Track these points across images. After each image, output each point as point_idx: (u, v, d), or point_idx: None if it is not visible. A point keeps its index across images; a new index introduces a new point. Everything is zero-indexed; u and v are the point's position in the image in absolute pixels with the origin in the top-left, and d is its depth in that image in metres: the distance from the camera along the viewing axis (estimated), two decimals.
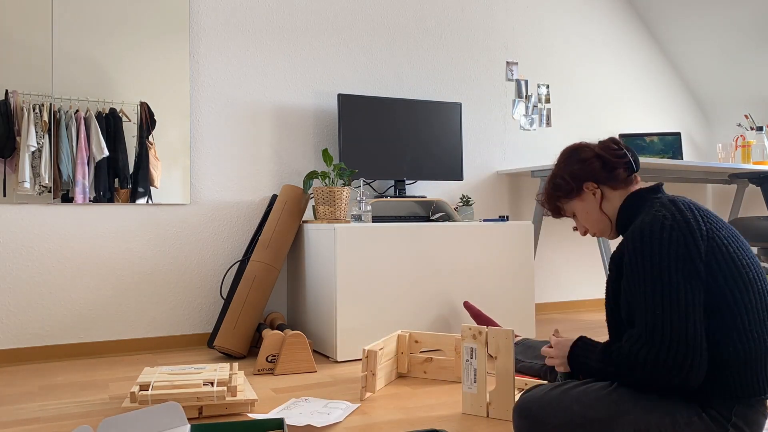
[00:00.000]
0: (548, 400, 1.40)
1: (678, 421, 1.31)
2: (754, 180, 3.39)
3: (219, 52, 3.00)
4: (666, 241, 1.32)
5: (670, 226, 1.33)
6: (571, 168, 1.57)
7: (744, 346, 1.28)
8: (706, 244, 1.32)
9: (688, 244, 1.31)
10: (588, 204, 1.56)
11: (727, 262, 1.31)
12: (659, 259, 1.31)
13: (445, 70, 3.56)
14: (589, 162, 1.55)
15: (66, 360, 2.66)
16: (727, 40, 4.02)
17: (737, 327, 1.29)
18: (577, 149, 1.59)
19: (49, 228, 2.67)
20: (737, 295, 1.30)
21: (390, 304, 2.66)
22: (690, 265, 1.29)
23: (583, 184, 1.55)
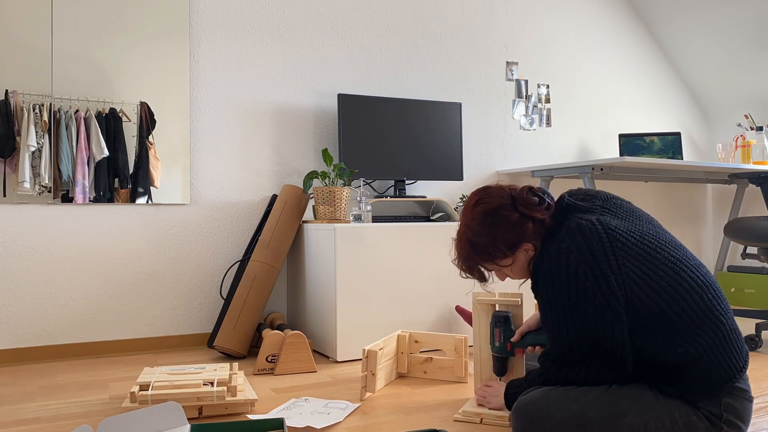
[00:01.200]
0: (546, 401, 1.41)
1: (676, 421, 1.31)
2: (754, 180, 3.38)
3: (219, 52, 3.00)
4: (573, 277, 1.33)
5: (576, 261, 1.34)
6: (502, 236, 1.48)
7: (696, 344, 1.30)
8: (619, 273, 1.33)
9: (596, 277, 1.32)
10: (520, 261, 1.53)
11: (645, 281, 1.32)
12: (568, 295, 1.34)
13: (445, 70, 3.56)
14: (522, 225, 1.47)
15: (66, 360, 2.66)
16: (727, 40, 4.02)
17: (681, 333, 1.31)
18: (497, 212, 1.49)
19: (49, 228, 2.67)
20: (667, 309, 1.32)
21: (390, 304, 2.66)
22: (600, 297, 1.32)
23: (518, 248, 1.50)
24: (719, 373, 1.31)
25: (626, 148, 3.99)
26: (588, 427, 1.34)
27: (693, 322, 1.31)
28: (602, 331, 1.33)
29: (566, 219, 1.45)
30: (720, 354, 1.31)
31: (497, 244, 1.49)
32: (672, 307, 1.31)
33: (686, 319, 1.31)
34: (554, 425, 1.37)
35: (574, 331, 1.36)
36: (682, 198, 4.41)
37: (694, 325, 1.31)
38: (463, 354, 2.24)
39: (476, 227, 1.51)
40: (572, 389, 1.41)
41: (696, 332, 1.31)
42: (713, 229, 4.52)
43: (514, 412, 1.46)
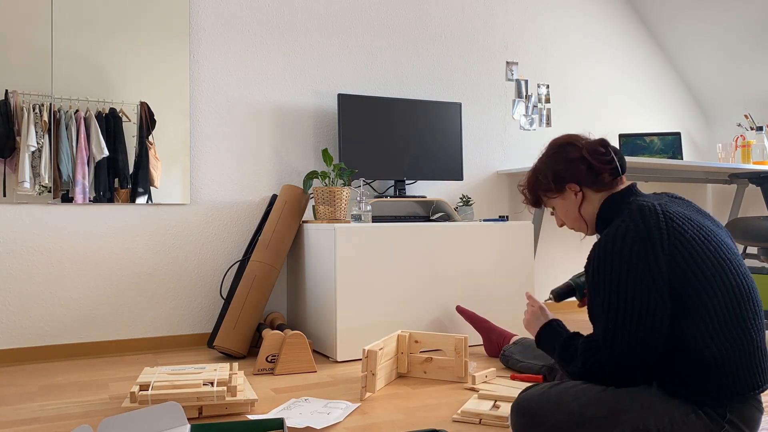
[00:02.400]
0: (546, 399, 1.41)
1: (676, 419, 1.31)
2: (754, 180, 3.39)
3: (219, 53, 3.00)
4: (626, 256, 1.34)
5: (632, 240, 1.34)
6: (555, 167, 1.56)
7: (721, 346, 1.29)
8: (668, 253, 1.32)
9: (647, 257, 1.32)
10: (568, 203, 1.57)
11: (691, 267, 1.32)
12: (618, 275, 1.34)
13: (445, 70, 3.56)
14: (575, 164, 1.54)
15: (66, 360, 2.66)
16: (727, 40, 4.02)
17: (710, 330, 1.30)
18: (564, 147, 1.57)
19: (49, 228, 2.67)
20: (705, 299, 1.30)
21: (390, 304, 2.66)
22: (648, 278, 1.31)
23: (566, 185, 1.55)
24: (734, 385, 1.29)
25: (626, 148, 3.99)
26: (587, 425, 1.34)
27: (724, 325, 1.30)
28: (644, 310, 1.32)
29: (627, 201, 1.48)
30: (741, 366, 1.29)
31: (548, 173, 1.56)
32: (707, 300, 1.30)
33: (718, 319, 1.30)
34: (554, 423, 1.37)
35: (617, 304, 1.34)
36: None
37: (725, 328, 1.30)
38: (463, 354, 2.24)
39: (543, 156, 1.61)
40: (573, 387, 1.41)
41: (725, 336, 1.29)
42: None
43: (514, 409, 1.46)
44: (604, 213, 1.52)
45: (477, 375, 2.13)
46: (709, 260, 1.33)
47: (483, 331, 2.66)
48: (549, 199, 1.61)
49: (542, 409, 1.40)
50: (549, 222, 3.88)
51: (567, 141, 1.58)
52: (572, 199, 1.56)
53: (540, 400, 1.41)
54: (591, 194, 1.54)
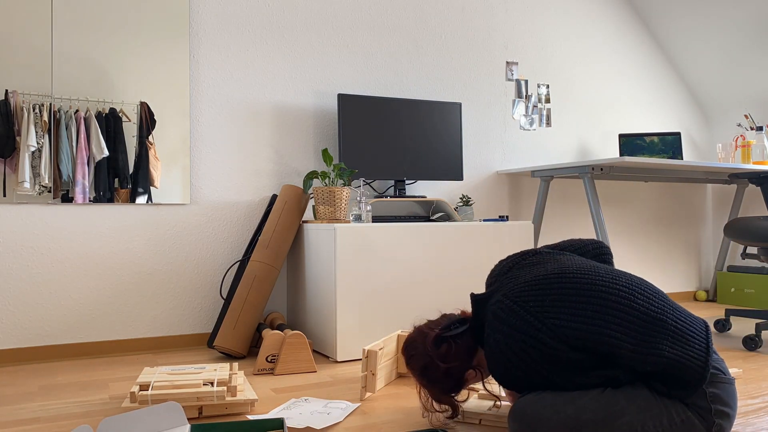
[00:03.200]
0: (543, 403, 1.40)
1: (674, 419, 1.32)
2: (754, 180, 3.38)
3: (219, 53, 3.00)
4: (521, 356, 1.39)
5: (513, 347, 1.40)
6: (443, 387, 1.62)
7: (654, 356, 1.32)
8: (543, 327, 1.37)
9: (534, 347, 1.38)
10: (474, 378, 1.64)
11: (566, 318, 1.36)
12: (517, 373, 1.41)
13: (445, 70, 3.56)
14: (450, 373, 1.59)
15: (66, 360, 2.66)
16: (728, 40, 4.03)
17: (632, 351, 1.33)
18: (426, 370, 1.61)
19: (49, 228, 2.67)
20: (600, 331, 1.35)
21: (390, 304, 2.66)
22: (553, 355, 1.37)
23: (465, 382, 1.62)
24: (692, 369, 1.32)
25: (626, 148, 3.99)
26: (584, 428, 1.34)
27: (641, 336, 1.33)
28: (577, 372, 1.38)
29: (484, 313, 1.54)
30: (682, 351, 1.32)
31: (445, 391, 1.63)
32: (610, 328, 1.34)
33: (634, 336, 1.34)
34: (550, 428, 1.37)
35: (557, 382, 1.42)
36: (682, 198, 4.41)
37: (645, 338, 1.33)
38: None
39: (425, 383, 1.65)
40: (567, 392, 1.41)
41: (650, 344, 1.33)
42: (713, 229, 4.52)
43: (511, 415, 1.46)
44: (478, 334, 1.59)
45: None
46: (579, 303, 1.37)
47: None
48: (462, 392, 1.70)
49: (539, 414, 1.40)
50: (549, 222, 3.88)
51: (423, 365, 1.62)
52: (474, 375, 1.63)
53: (536, 405, 1.41)
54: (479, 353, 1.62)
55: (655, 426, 1.31)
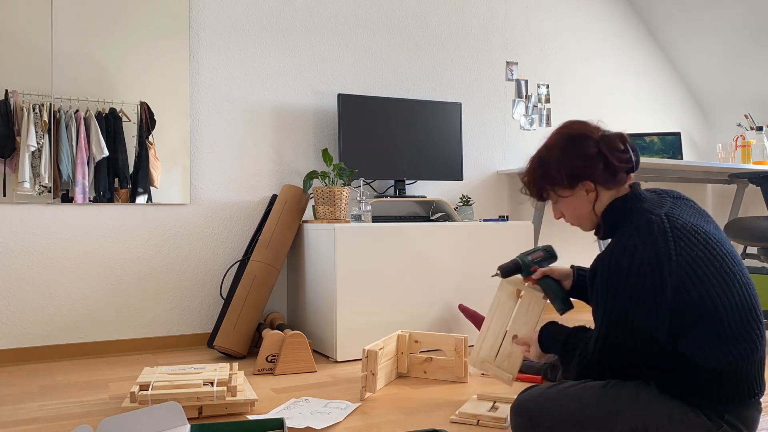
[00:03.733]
0: (545, 399, 1.41)
1: (674, 418, 1.31)
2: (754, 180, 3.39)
3: (219, 52, 3.00)
4: (633, 277, 1.31)
5: (639, 261, 1.31)
6: (570, 162, 1.44)
7: (723, 361, 1.28)
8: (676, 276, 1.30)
9: (653, 280, 1.29)
10: (578, 200, 1.48)
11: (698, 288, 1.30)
12: (621, 295, 1.32)
13: (445, 70, 3.56)
14: (592, 160, 1.43)
15: (66, 360, 2.66)
16: (727, 40, 4.02)
17: (713, 345, 1.29)
18: (580, 139, 1.45)
19: (49, 228, 2.67)
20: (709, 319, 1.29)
21: (390, 304, 2.66)
22: (650, 302, 1.30)
23: (579, 182, 1.45)
24: (733, 394, 1.29)
25: None
26: (586, 424, 1.34)
27: (727, 340, 1.29)
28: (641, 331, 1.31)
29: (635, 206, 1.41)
30: (740, 378, 1.29)
31: (562, 168, 1.45)
32: (711, 320, 1.29)
33: (720, 336, 1.29)
34: (552, 424, 1.37)
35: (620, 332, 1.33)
36: None
37: (728, 343, 1.29)
38: (463, 354, 2.24)
39: (553, 145, 1.49)
40: (571, 387, 1.41)
41: (728, 351, 1.28)
42: None
43: (513, 410, 1.46)
44: (610, 217, 1.45)
45: None
46: (715, 278, 1.31)
47: None
48: (556, 195, 1.50)
49: (541, 409, 1.40)
50: (549, 222, 3.88)
51: (583, 133, 1.47)
52: (583, 197, 1.46)
53: (539, 400, 1.41)
54: (602, 192, 1.46)
55: (655, 424, 1.31)
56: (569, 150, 1.46)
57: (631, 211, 1.41)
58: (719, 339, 1.29)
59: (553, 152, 1.48)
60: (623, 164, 1.44)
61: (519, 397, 1.47)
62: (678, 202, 1.45)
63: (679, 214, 1.37)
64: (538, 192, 1.52)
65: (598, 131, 1.48)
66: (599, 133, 1.47)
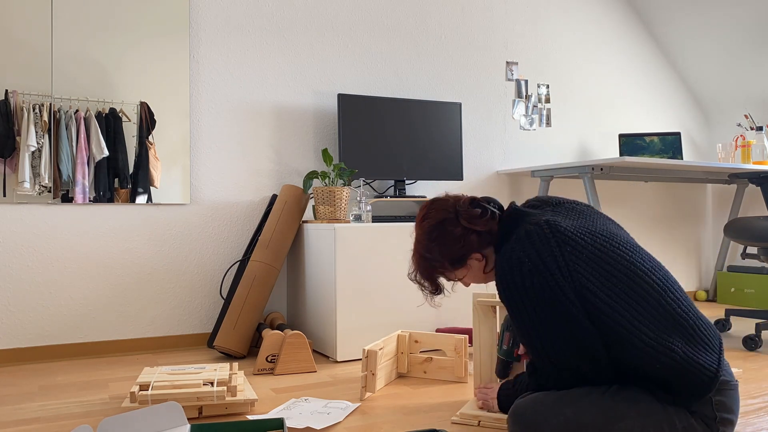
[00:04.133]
0: (542, 406, 1.40)
1: (675, 425, 1.30)
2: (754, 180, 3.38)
3: (219, 52, 3.00)
4: (530, 291, 1.33)
5: (529, 272, 1.33)
6: (447, 250, 1.51)
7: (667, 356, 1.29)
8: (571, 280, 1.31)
9: (551, 288, 1.31)
10: (473, 270, 1.56)
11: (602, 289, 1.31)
12: (526, 308, 1.34)
13: (445, 70, 3.56)
14: (464, 238, 1.49)
15: (66, 360, 2.66)
16: (727, 40, 4.03)
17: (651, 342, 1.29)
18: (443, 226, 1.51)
19: (49, 228, 2.67)
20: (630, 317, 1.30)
21: (390, 304, 2.66)
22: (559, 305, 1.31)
23: (467, 261, 1.53)
24: (702, 376, 1.29)
25: (626, 148, 3.99)
26: (583, 431, 1.34)
27: (660, 329, 1.29)
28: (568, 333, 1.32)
29: (516, 226, 1.46)
30: (696, 356, 1.29)
31: (445, 258, 1.52)
32: (633, 315, 1.29)
33: (653, 330, 1.29)
34: (550, 430, 1.36)
35: (541, 337, 1.36)
36: (682, 198, 4.41)
37: (663, 335, 1.29)
38: (463, 354, 2.24)
39: (425, 242, 1.54)
40: (568, 393, 1.40)
41: (667, 342, 1.29)
42: (713, 229, 4.52)
43: (511, 417, 1.45)
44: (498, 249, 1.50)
45: None
46: (614, 275, 1.32)
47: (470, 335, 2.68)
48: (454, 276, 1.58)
49: (538, 416, 1.39)
50: None
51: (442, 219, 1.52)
52: (476, 265, 1.54)
53: (536, 407, 1.41)
54: (489, 250, 1.53)
55: (655, 431, 1.31)
56: (440, 240, 1.51)
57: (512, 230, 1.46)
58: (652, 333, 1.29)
59: (429, 247, 1.53)
60: (489, 224, 1.50)
61: (516, 403, 1.46)
62: (558, 207, 1.49)
63: (559, 220, 1.39)
64: (433, 285, 1.60)
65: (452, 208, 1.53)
66: (453, 209, 1.52)
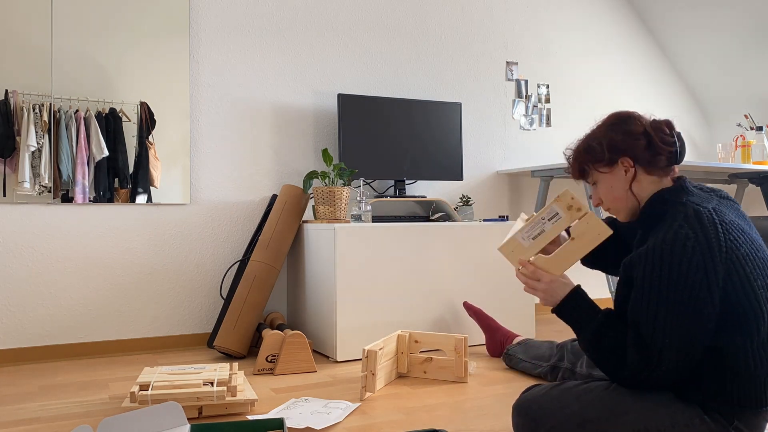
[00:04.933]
0: (547, 399, 1.40)
1: (678, 422, 1.30)
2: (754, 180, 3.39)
3: (219, 52, 3.00)
4: (686, 267, 1.26)
5: (692, 249, 1.26)
6: (613, 136, 1.44)
7: (758, 363, 1.27)
8: (725, 265, 1.27)
9: (707, 269, 1.25)
10: (615, 179, 1.45)
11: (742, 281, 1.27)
12: (675, 285, 1.26)
13: (445, 70, 3.56)
14: (635, 137, 1.42)
15: (66, 360, 2.66)
16: (727, 40, 4.02)
17: (753, 347, 1.27)
18: (626, 119, 1.45)
19: (49, 228, 2.67)
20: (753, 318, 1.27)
21: (390, 304, 2.66)
22: (705, 293, 1.25)
23: (619, 158, 1.43)
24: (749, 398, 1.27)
25: None
26: (588, 425, 1.34)
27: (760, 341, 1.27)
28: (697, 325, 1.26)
29: (681, 198, 1.38)
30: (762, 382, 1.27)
31: (604, 141, 1.44)
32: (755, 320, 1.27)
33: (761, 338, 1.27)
34: (555, 424, 1.37)
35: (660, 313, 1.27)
36: None
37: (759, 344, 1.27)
38: (462, 354, 2.24)
39: (601, 124, 1.49)
40: (573, 387, 1.40)
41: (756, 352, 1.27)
42: None
43: (516, 409, 1.46)
44: (653, 208, 1.41)
45: None
46: (760, 278, 1.29)
47: (488, 329, 2.65)
48: (596, 172, 1.47)
49: (543, 409, 1.39)
50: None
51: (630, 114, 1.47)
52: (621, 175, 1.44)
53: (541, 400, 1.41)
54: (643, 175, 1.43)
55: (657, 428, 1.30)
56: (614, 126, 1.46)
57: (677, 203, 1.37)
58: (759, 341, 1.27)
59: (599, 128, 1.48)
60: (666, 146, 1.41)
61: (521, 397, 1.47)
62: (724, 201, 1.42)
63: (725, 212, 1.34)
64: (579, 167, 1.51)
65: (647, 117, 1.47)
66: (649, 117, 1.47)
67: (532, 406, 1.41)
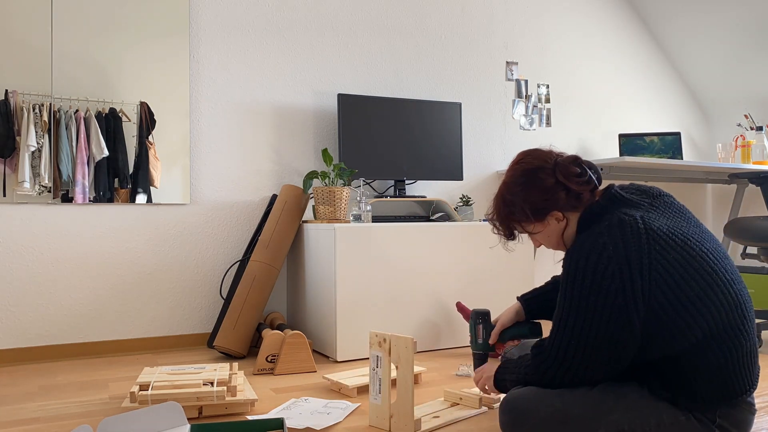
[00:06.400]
0: (533, 396, 1.41)
1: (663, 421, 1.31)
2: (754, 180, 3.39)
3: (219, 52, 3.00)
4: (599, 275, 1.29)
5: (608, 258, 1.29)
6: (531, 199, 1.45)
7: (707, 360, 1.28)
8: (648, 279, 1.28)
9: (623, 278, 1.28)
10: (550, 230, 1.49)
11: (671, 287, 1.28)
12: (588, 292, 1.31)
13: (445, 70, 3.56)
14: (552, 192, 1.43)
15: (66, 360, 2.66)
16: (728, 40, 4.03)
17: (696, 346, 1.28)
18: (535, 172, 1.45)
19: (49, 228, 2.67)
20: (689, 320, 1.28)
21: (390, 304, 2.66)
22: (621, 300, 1.28)
23: (546, 216, 1.46)
24: (722, 391, 1.28)
25: (626, 148, 3.99)
26: (571, 423, 1.34)
27: (711, 337, 1.28)
28: (610, 333, 1.29)
29: (609, 210, 1.39)
30: (729, 374, 1.28)
31: (526, 205, 1.45)
32: (694, 321, 1.27)
33: (705, 335, 1.27)
34: (538, 422, 1.38)
35: (581, 322, 1.31)
36: (682, 198, 4.41)
37: (712, 341, 1.28)
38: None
39: (512, 184, 1.48)
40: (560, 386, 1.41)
41: (711, 349, 1.27)
42: (713, 229, 4.52)
43: (502, 407, 1.47)
44: (585, 222, 1.44)
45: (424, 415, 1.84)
46: (694, 280, 1.29)
47: None
48: (527, 230, 1.51)
49: (528, 406, 1.40)
50: None
51: (537, 166, 1.46)
52: (555, 225, 1.47)
53: (526, 398, 1.42)
54: (572, 214, 1.46)
55: (642, 426, 1.31)
56: (528, 186, 1.46)
57: (604, 213, 1.41)
58: (702, 339, 1.28)
59: (514, 190, 1.48)
60: (584, 186, 1.45)
61: (509, 394, 1.48)
62: (656, 201, 1.43)
63: (655, 217, 1.35)
64: (507, 230, 1.54)
65: (551, 159, 1.47)
66: (553, 160, 1.47)
67: (517, 404, 1.43)
